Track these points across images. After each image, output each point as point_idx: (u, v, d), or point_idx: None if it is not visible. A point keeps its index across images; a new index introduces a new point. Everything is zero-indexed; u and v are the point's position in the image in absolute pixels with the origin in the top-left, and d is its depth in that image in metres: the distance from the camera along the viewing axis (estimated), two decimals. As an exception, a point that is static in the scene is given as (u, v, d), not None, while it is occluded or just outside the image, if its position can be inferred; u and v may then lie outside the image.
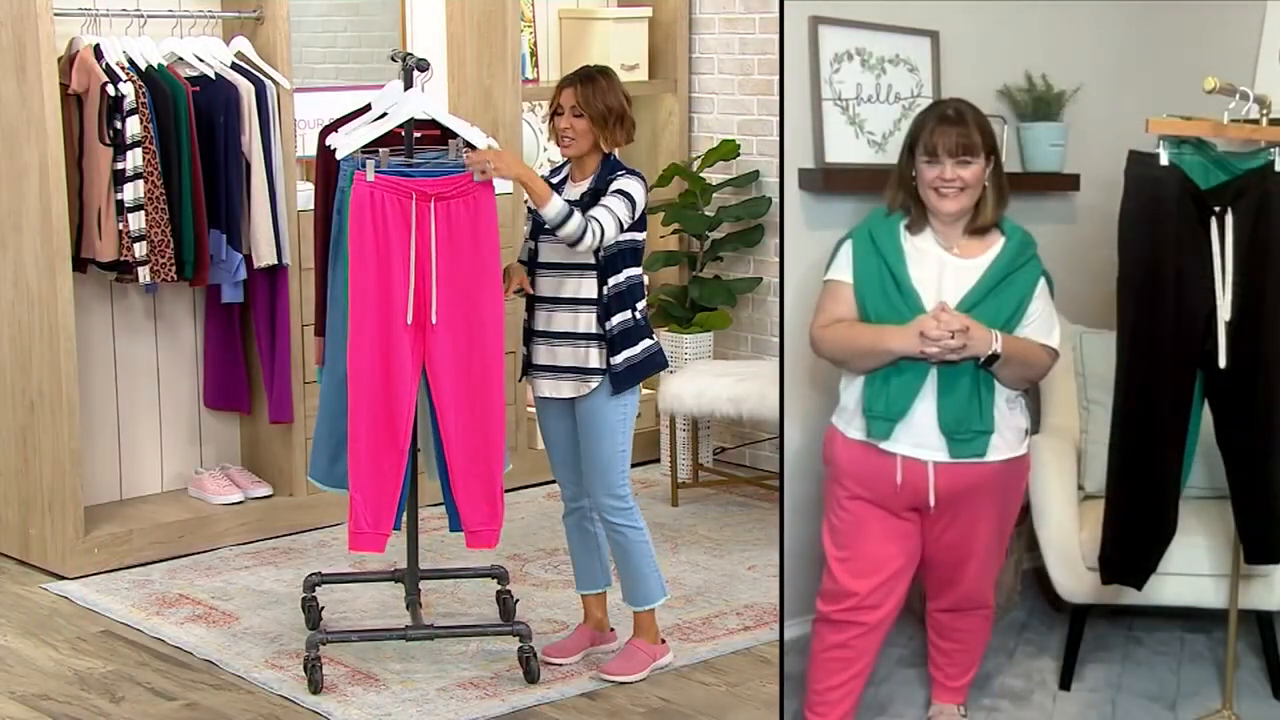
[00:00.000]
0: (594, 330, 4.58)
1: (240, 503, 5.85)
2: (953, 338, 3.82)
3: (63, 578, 5.47)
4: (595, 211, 4.49)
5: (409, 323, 4.45)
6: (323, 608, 5.06)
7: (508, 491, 6.24)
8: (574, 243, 4.47)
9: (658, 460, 6.70)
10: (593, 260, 4.56)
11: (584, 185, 4.61)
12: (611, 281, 4.57)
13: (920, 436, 3.90)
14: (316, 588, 5.08)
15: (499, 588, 5.09)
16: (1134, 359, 3.94)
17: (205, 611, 5.18)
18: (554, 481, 6.39)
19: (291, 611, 5.14)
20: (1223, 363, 3.89)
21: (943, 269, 3.93)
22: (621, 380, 4.59)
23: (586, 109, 4.58)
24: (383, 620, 5.06)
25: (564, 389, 4.63)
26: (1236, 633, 4.30)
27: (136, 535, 5.60)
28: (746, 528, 6.00)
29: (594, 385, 4.59)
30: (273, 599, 5.27)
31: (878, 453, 3.94)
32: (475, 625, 4.92)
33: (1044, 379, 4.98)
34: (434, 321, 4.47)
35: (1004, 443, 3.94)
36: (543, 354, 4.64)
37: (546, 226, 4.50)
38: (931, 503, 3.94)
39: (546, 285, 4.62)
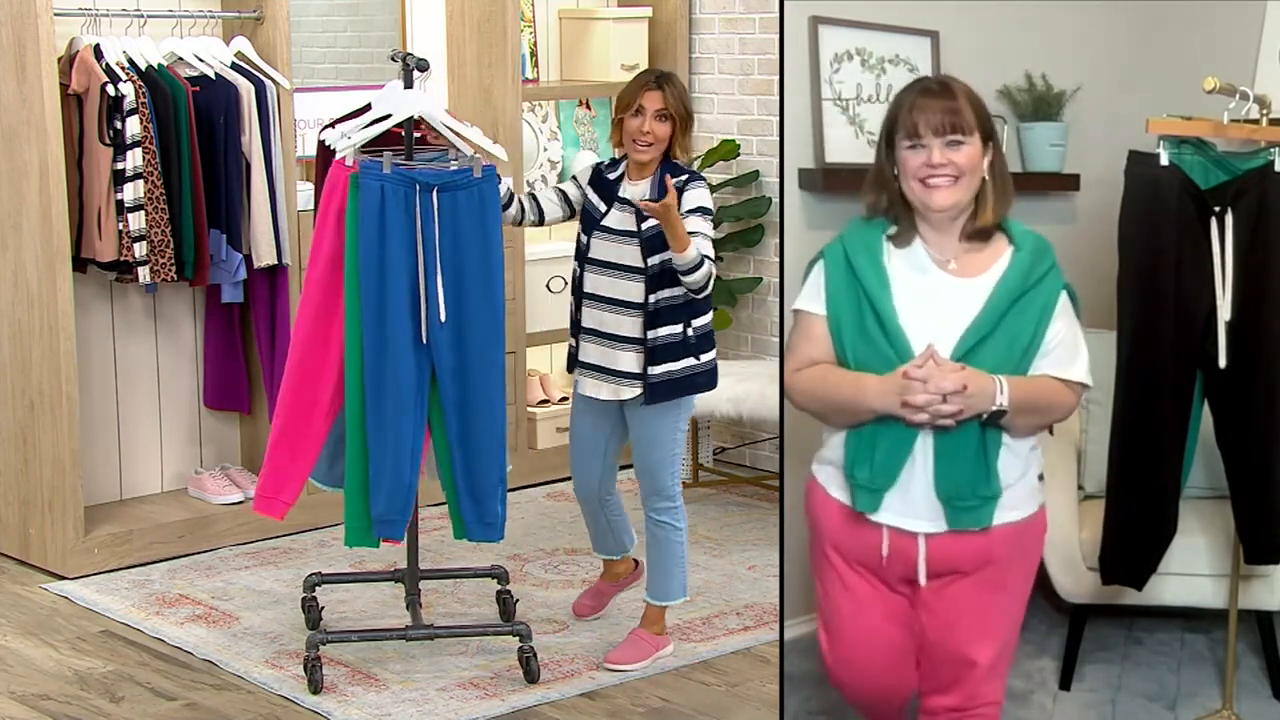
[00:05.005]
0: (637, 335, 4.53)
1: (240, 503, 5.85)
2: (944, 400, 3.11)
3: (63, 578, 5.47)
4: (702, 246, 4.39)
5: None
6: (323, 608, 5.06)
7: (508, 491, 6.29)
8: (698, 290, 4.43)
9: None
10: (642, 265, 4.50)
11: (643, 185, 4.56)
12: (666, 292, 4.50)
13: (913, 506, 3.25)
14: (316, 588, 5.08)
15: (499, 588, 5.09)
16: (1134, 359, 3.94)
17: (205, 611, 5.18)
18: (554, 481, 6.47)
19: (291, 611, 5.14)
20: (1223, 363, 3.88)
21: (938, 293, 3.28)
22: (658, 392, 4.53)
23: (675, 112, 4.50)
24: (383, 620, 5.06)
25: (603, 391, 4.61)
26: (1236, 633, 4.30)
27: (136, 535, 5.60)
28: (746, 528, 6.00)
29: (636, 392, 4.56)
30: (273, 599, 5.27)
31: (863, 520, 3.30)
32: (475, 625, 4.91)
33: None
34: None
35: (1015, 501, 3.30)
36: (591, 352, 4.60)
37: (676, 268, 4.38)
38: (922, 579, 3.28)
39: (599, 283, 4.57)
